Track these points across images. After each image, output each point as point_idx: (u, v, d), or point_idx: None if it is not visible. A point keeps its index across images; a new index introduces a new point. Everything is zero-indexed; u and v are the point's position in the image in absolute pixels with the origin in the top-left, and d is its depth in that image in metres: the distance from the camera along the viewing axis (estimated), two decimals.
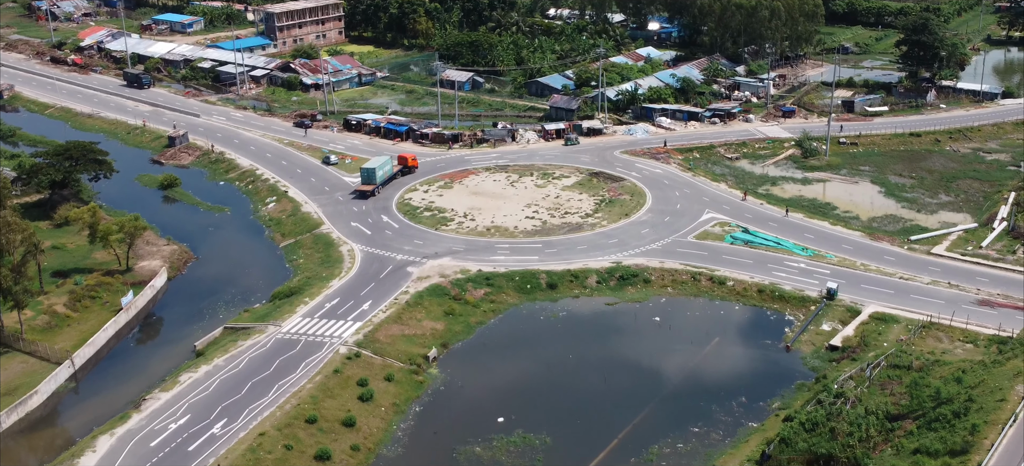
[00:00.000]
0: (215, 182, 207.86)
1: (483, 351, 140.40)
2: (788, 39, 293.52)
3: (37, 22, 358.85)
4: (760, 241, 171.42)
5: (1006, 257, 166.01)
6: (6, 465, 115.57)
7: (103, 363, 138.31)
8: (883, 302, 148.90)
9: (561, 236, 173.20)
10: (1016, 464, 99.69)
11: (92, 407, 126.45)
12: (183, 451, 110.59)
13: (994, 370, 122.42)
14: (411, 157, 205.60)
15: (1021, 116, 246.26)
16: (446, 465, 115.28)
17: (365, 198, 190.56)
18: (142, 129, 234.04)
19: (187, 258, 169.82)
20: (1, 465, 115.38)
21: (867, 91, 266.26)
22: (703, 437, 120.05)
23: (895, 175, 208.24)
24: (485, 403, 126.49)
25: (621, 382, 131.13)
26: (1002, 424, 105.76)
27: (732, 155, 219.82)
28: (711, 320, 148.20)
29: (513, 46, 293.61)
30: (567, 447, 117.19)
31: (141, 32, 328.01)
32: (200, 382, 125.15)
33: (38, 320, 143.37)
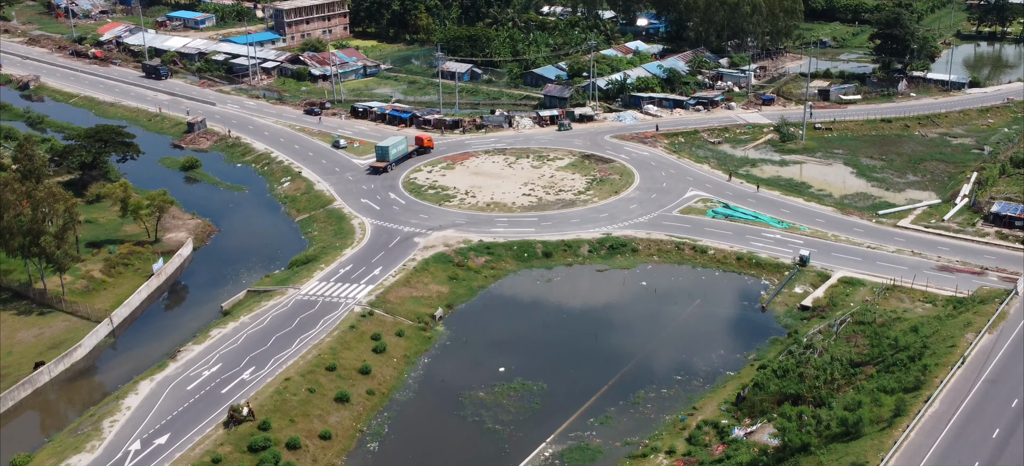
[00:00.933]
0: (232, 164, 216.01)
1: (485, 311, 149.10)
2: (769, 34, 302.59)
3: (57, 19, 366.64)
4: (739, 215, 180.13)
5: (965, 229, 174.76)
6: (57, 408, 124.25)
7: (138, 322, 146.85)
8: (851, 268, 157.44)
9: (555, 211, 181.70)
10: (962, 396, 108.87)
11: (129, 359, 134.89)
12: (217, 393, 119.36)
13: (947, 322, 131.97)
14: (427, 138, 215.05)
15: (986, 104, 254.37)
16: (453, 408, 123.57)
17: (378, 174, 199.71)
18: (162, 116, 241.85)
19: (210, 231, 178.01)
20: (52, 408, 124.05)
21: (842, 81, 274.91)
22: (685, 384, 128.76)
23: (866, 157, 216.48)
24: (487, 356, 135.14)
25: (611, 338, 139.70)
26: (951, 365, 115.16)
27: (715, 139, 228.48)
28: (693, 284, 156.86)
29: (509, 40, 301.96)
30: (562, 392, 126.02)
31: (156, 28, 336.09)
32: (228, 336, 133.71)
33: (77, 284, 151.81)
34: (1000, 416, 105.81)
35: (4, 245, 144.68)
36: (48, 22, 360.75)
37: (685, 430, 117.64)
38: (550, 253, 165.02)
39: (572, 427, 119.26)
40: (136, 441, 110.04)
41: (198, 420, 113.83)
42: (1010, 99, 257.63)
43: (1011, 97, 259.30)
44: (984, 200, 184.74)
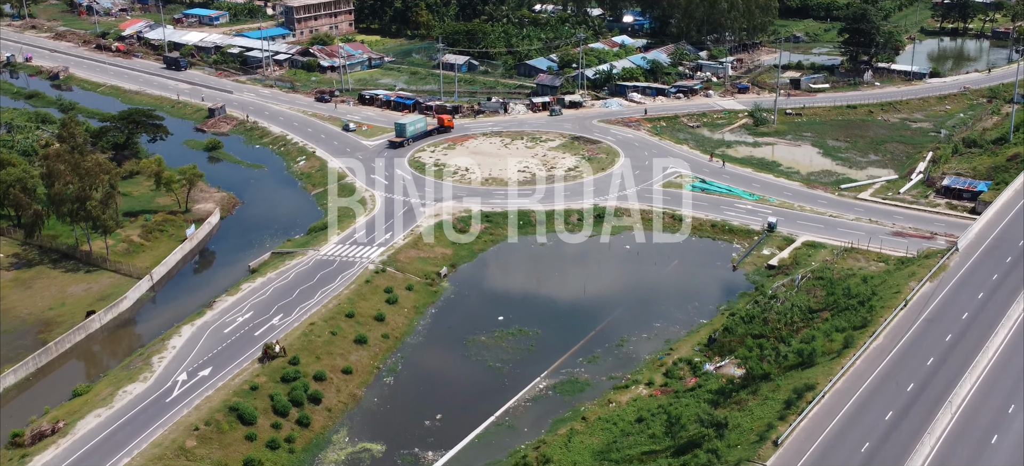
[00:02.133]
0: (251, 146, 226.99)
1: (485, 270, 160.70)
2: (745, 29, 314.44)
3: (79, 16, 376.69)
4: (714, 189, 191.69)
5: (919, 201, 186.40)
6: (108, 349, 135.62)
7: (174, 279, 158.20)
8: (814, 233, 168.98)
9: (547, 185, 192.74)
10: (903, 332, 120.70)
11: (168, 311, 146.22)
12: (250, 335, 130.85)
13: (895, 273, 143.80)
14: (447, 119, 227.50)
15: (944, 92, 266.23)
16: (458, 350, 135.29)
17: (395, 148, 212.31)
18: (184, 103, 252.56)
19: (235, 202, 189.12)
20: (104, 349, 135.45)
21: (813, 72, 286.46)
22: (663, 330, 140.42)
23: (832, 140, 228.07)
24: (488, 307, 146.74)
25: (598, 292, 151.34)
26: (895, 308, 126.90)
27: (694, 124, 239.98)
28: (672, 248, 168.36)
29: (504, 34, 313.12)
30: (554, 337, 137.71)
31: (174, 24, 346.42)
32: (257, 290, 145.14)
33: (118, 247, 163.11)
34: (935, 348, 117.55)
35: (55, 210, 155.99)
36: (71, 19, 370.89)
37: (663, 366, 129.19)
38: (543, 221, 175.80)
39: (563, 365, 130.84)
40: (182, 373, 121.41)
41: (236, 357, 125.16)
42: (967, 88, 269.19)
43: (968, 86, 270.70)
44: (937, 175, 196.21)
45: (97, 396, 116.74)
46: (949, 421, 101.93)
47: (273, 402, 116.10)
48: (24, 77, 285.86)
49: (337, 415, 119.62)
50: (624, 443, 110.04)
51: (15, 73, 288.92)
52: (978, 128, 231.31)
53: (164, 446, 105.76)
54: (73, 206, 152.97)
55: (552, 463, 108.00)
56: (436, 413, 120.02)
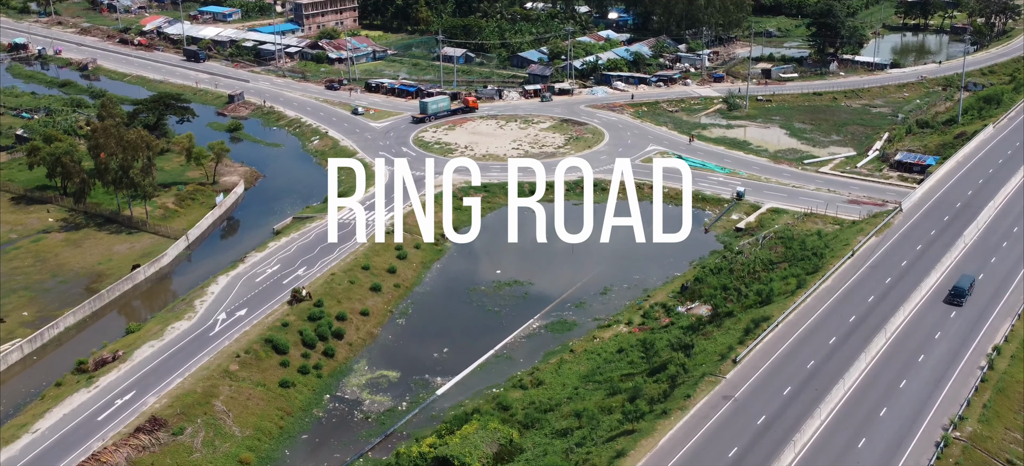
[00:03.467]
0: (269, 128, 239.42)
1: (484, 232, 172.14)
2: (721, 24, 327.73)
3: (100, 13, 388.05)
4: (690, 163, 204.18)
5: (874, 174, 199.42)
6: (152, 297, 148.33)
7: (207, 240, 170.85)
8: (778, 201, 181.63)
9: (539, 160, 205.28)
10: (849, 276, 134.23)
11: (203, 266, 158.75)
12: (279, 283, 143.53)
13: (846, 231, 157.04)
14: (472, 100, 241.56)
15: (903, 81, 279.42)
16: (461, 298, 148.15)
17: (418, 123, 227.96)
18: (204, 90, 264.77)
19: (257, 176, 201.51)
20: (149, 297, 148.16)
21: (783, 63, 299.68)
22: (642, 281, 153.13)
23: (799, 123, 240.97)
24: (487, 262, 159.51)
25: (584, 252, 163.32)
26: (843, 257, 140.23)
27: (672, 109, 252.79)
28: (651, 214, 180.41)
29: (498, 29, 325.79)
30: (546, 287, 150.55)
31: (190, 21, 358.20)
32: (283, 247, 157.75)
33: (156, 213, 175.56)
34: (876, 288, 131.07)
35: (101, 178, 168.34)
36: (93, 16, 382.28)
37: (641, 309, 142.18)
38: (535, 191, 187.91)
39: (553, 310, 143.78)
40: (222, 313, 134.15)
41: (267, 300, 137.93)
42: (924, 77, 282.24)
43: (925, 75, 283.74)
44: (891, 152, 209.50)
45: (149, 332, 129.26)
46: (883, 344, 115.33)
47: (302, 336, 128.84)
48: (54, 68, 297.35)
49: (357, 349, 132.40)
50: (606, 368, 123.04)
51: (46, 65, 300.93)
52: (932, 112, 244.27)
53: (211, 369, 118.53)
54: (117, 174, 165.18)
55: (544, 384, 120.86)
56: (443, 347, 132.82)
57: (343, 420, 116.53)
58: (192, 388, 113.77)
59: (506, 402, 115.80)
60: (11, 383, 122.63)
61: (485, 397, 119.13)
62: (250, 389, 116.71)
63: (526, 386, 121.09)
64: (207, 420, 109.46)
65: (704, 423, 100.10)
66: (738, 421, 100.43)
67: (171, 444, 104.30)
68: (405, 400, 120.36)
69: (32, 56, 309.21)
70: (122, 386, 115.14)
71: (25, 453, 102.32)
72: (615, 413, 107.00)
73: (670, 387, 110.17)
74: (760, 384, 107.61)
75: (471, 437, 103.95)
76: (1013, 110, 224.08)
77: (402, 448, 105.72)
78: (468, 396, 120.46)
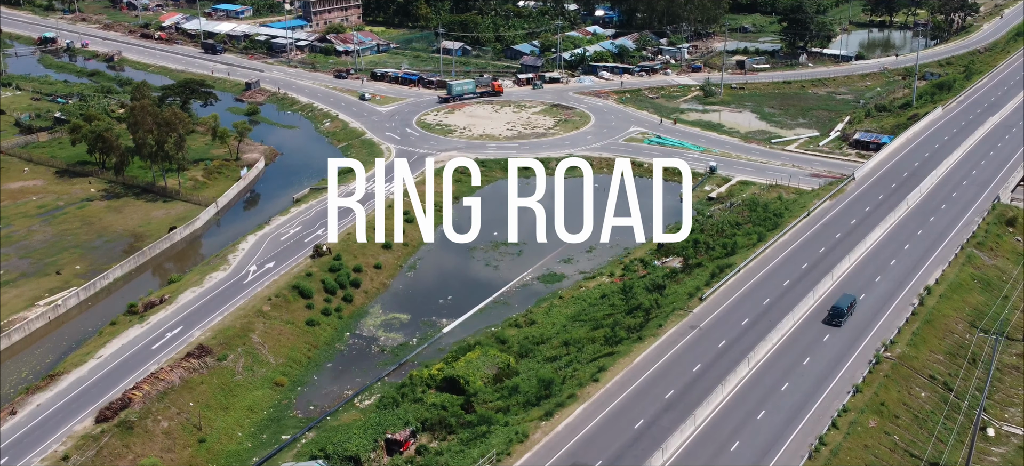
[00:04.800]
0: (284, 112, 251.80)
1: (482, 200, 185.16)
2: (700, 21, 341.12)
3: (121, 10, 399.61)
4: (668, 143, 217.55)
5: (835, 151, 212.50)
6: (188, 255, 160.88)
7: (234, 208, 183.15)
8: (747, 175, 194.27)
9: (531, 140, 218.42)
10: (804, 232, 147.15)
11: (231, 229, 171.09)
12: (302, 241, 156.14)
13: (805, 196, 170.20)
14: (498, 84, 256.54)
15: (867, 71, 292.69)
16: (463, 256, 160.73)
17: (444, 103, 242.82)
18: (222, 79, 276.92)
19: (275, 154, 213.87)
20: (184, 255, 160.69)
21: (756, 55, 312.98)
22: (623, 241, 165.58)
23: (769, 108, 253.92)
24: (485, 227, 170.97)
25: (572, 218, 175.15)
26: (799, 216, 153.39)
27: (653, 95, 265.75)
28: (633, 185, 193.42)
29: (493, 24, 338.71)
30: (538, 247, 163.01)
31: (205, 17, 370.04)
32: (303, 211, 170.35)
33: (187, 184, 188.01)
34: (827, 242, 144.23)
35: (139, 151, 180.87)
36: (113, 13, 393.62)
37: (622, 264, 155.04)
38: (527, 167, 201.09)
39: (544, 265, 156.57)
40: (253, 265, 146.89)
41: (292, 255, 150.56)
42: (886, 67, 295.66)
43: (887, 66, 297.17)
44: (851, 132, 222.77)
45: (189, 281, 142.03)
46: (829, 286, 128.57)
47: (324, 284, 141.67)
48: (81, 60, 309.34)
49: (372, 296, 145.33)
50: (590, 310, 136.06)
51: (73, 56, 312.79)
52: (890, 98, 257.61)
53: (246, 309, 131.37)
54: (153, 149, 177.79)
55: (536, 323, 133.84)
56: (447, 295, 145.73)
57: (362, 353, 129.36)
58: (231, 324, 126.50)
59: (503, 337, 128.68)
60: (71, 324, 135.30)
61: (485, 334, 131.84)
62: (281, 326, 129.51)
63: (520, 325, 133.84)
64: (246, 349, 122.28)
65: (673, 346, 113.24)
66: (702, 345, 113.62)
67: (216, 368, 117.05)
68: (415, 337, 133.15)
69: (61, 49, 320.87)
70: (170, 323, 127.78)
71: (93, 373, 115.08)
72: (598, 342, 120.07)
73: (645, 320, 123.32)
74: (722, 317, 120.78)
75: (474, 362, 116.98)
76: (962, 95, 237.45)
77: (414, 372, 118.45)
78: (470, 334, 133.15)
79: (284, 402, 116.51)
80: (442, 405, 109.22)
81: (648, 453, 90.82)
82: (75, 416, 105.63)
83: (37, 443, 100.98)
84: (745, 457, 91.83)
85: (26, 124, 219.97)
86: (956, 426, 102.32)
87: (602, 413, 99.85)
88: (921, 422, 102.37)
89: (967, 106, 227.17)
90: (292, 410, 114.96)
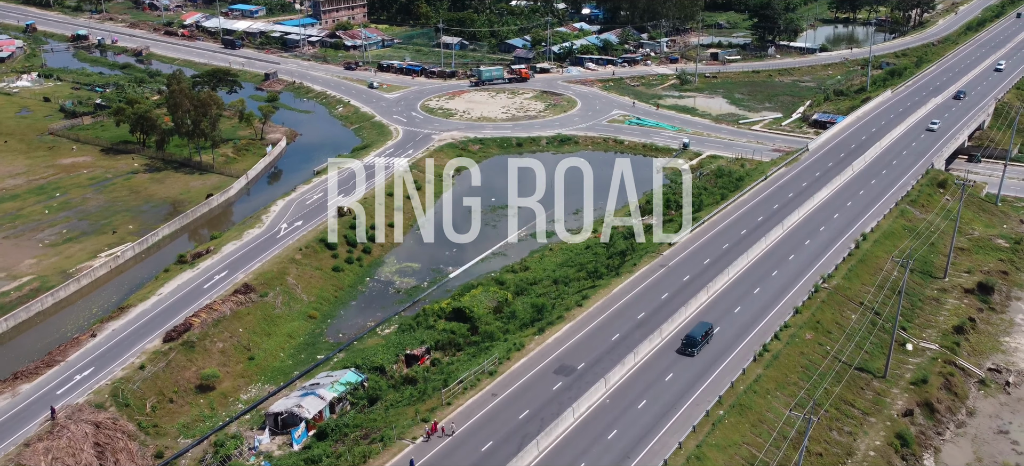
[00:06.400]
0: (300, 99, 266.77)
1: (481, 172, 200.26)
2: (678, 17, 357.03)
3: (143, 11, 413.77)
4: (647, 124, 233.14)
5: (795, 130, 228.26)
6: (223, 218, 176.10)
7: (260, 181, 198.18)
8: (716, 150, 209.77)
9: (523, 121, 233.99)
10: (762, 192, 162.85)
11: (260, 197, 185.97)
12: (323, 205, 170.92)
13: (764, 165, 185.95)
14: (524, 71, 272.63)
15: (829, 62, 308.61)
16: (464, 216, 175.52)
17: (476, 86, 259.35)
18: (243, 70, 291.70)
19: (295, 135, 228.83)
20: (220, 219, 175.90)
21: (729, 48, 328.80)
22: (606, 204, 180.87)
23: (739, 94, 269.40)
24: (483, 193, 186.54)
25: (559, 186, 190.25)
26: (758, 179, 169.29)
27: (634, 83, 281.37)
28: (614, 159, 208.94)
29: (488, 20, 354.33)
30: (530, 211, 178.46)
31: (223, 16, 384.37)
32: (324, 181, 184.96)
33: (219, 159, 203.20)
34: (781, 199, 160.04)
35: (177, 129, 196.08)
36: (137, 13, 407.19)
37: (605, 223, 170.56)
38: (520, 143, 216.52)
39: (536, 224, 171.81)
40: (283, 223, 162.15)
41: (317, 216, 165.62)
42: (846, 58, 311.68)
43: (847, 57, 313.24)
44: (810, 113, 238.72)
45: (229, 237, 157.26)
46: (780, 234, 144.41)
47: (346, 239, 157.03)
48: (111, 55, 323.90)
49: (387, 248, 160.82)
50: (576, 258, 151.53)
51: (104, 52, 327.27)
52: (848, 84, 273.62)
53: (281, 257, 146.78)
54: (190, 127, 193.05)
55: (530, 269, 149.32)
56: (453, 248, 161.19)
57: (381, 293, 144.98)
58: (269, 269, 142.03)
59: (501, 280, 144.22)
60: (128, 272, 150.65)
61: (486, 278, 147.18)
62: (311, 271, 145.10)
63: (516, 271, 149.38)
64: (283, 289, 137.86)
65: (645, 279, 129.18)
66: (669, 278, 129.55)
67: (260, 303, 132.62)
68: (426, 281, 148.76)
69: (92, 45, 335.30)
70: (217, 268, 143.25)
71: (156, 306, 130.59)
72: (582, 278, 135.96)
73: (622, 261, 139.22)
74: (687, 257, 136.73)
75: (478, 296, 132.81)
76: (911, 80, 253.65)
77: (427, 306, 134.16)
78: (472, 278, 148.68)
79: (317, 331, 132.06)
80: (451, 330, 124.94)
81: (622, 357, 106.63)
82: (145, 337, 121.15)
83: (117, 357, 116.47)
84: (704, 360, 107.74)
85: (70, 109, 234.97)
86: (877, 340, 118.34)
87: (585, 329, 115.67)
88: (850, 337, 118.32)
89: (914, 89, 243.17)
90: (324, 337, 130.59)
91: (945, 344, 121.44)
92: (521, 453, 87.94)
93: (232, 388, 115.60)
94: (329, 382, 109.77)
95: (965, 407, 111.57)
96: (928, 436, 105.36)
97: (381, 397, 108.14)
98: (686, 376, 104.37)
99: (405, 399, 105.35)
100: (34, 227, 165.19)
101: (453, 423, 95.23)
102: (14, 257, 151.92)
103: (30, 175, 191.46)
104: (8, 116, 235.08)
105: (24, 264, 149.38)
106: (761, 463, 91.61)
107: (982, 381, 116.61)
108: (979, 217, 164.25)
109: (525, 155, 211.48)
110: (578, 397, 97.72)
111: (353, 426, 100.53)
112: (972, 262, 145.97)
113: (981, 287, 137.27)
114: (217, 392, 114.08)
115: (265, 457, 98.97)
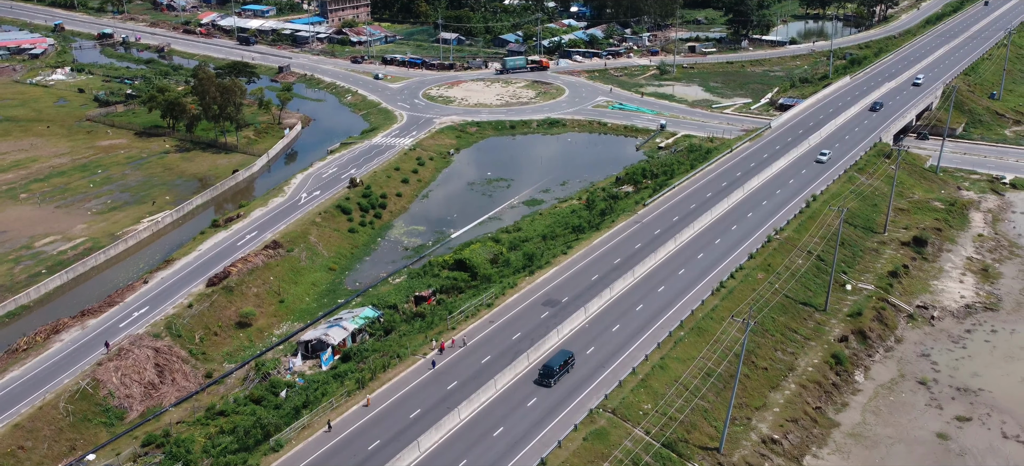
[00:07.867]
0: (312, 89, 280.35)
1: (477, 151, 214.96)
2: (660, 14, 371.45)
3: (161, 12, 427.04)
4: (628, 108, 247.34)
5: (762, 114, 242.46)
6: (248, 191, 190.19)
7: (279, 161, 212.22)
8: (690, 130, 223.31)
9: (516, 107, 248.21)
10: (728, 163, 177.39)
11: (280, 174, 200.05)
12: (338, 178, 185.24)
13: (731, 142, 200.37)
14: (545, 61, 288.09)
15: (797, 53, 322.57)
16: (463, 188, 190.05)
17: (501, 74, 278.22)
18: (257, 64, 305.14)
19: (309, 120, 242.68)
20: (245, 192, 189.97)
21: (706, 42, 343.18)
22: (590, 177, 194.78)
23: (713, 82, 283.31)
24: (480, 168, 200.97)
25: (549, 163, 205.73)
26: (724, 152, 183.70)
27: (617, 73, 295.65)
28: (598, 140, 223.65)
29: (483, 18, 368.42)
30: (522, 183, 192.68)
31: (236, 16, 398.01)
32: (337, 158, 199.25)
33: (242, 140, 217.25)
34: (744, 168, 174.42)
35: (205, 113, 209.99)
36: (156, 14, 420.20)
37: (588, 192, 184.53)
38: (513, 126, 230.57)
39: (527, 194, 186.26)
40: (303, 193, 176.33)
41: (332, 187, 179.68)
42: (813, 50, 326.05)
43: (814, 49, 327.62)
44: (777, 98, 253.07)
45: (256, 205, 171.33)
46: (741, 197, 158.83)
47: (359, 205, 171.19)
48: (135, 51, 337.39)
49: (396, 214, 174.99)
50: (562, 219, 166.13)
51: (128, 49, 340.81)
52: (813, 73, 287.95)
53: (303, 220, 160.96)
54: (217, 111, 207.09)
55: (522, 230, 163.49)
56: (454, 214, 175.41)
57: (391, 250, 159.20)
58: (293, 229, 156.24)
59: (497, 238, 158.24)
60: (168, 236, 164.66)
61: (483, 237, 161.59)
62: (330, 232, 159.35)
63: (510, 231, 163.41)
64: (306, 246, 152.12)
65: (621, 233, 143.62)
66: (643, 232, 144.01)
67: (287, 257, 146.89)
68: (430, 240, 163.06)
69: (117, 42, 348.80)
70: (247, 229, 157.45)
71: (197, 259, 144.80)
72: (567, 234, 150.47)
73: (602, 220, 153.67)
74: (657, 215, 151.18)
75: (476, 250, 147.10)
76: (869, 67, 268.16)
77: (432, 259, 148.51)
78: (471, 238, 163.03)
79: (337, 281, 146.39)
80: (454, 277, 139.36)
81: (599, 292, 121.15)
82: (191, 283, 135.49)
83: (168, 298, 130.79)
84: (669, 294, 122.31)
85: (104, 99, 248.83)
86: (821, 281, 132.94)
87: (569, 272, 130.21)
88: (797, 278, 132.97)
89: (871, 76, 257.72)
90: (343, 285, 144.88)
91: (880, 285, 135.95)
92: (514, 363, 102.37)
93: (266, 325, 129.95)
94: (350, 316, 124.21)
95: (894, 336, 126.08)
96: (860, 357, 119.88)
97: (395, 328, 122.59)
98: (654, 306, 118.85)
99: (416, 329, 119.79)
100: (81, 198, 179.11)
101: (464, 337, 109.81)
102: (67, 223, 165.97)
103: (73, 155, 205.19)
104: (48, 106, 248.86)
105: (77, 228, 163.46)
106: (711, 370, 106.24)
107: (911, 316, 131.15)
108: (920, 184, 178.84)
109: (518, 136, 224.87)
110: (562, 322, 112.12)
111: (372, 350, 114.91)
112: (910, 220, 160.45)
113: (916, 240, 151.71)
114: (254, 328, 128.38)
115: (298, 375, 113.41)
